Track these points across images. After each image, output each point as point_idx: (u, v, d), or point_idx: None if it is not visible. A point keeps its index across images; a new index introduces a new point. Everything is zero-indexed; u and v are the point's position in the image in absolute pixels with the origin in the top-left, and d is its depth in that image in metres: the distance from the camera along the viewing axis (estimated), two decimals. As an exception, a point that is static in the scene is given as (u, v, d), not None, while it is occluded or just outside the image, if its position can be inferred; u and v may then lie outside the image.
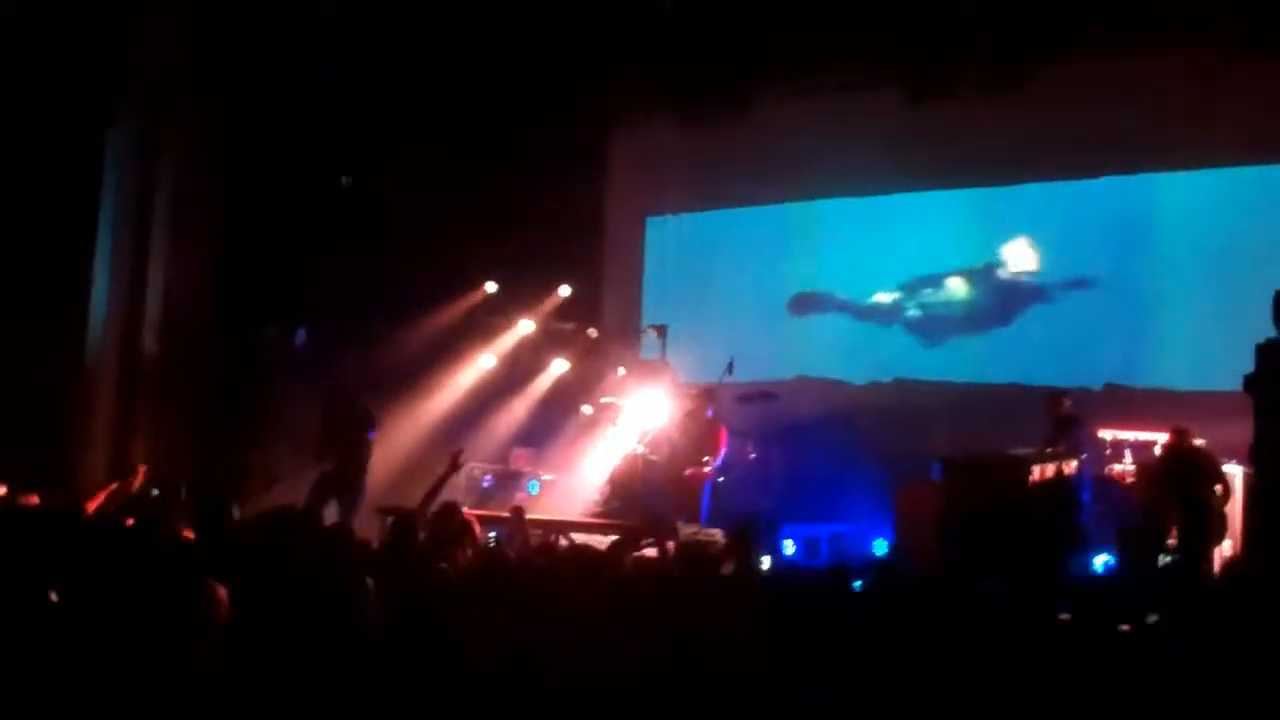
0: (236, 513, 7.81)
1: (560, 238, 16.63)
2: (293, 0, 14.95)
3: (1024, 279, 15.49)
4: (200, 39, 14.96)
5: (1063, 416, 12.65)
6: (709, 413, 13.78)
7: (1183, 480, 10.86)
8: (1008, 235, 15.64)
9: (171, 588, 5.22)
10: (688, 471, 13.41)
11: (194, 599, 5.08)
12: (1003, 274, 15.66)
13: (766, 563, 9.90)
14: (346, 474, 12.63)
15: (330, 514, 11.74)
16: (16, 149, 14.02)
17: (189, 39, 14.93)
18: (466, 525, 8.27)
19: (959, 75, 14.70)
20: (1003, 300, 15.62)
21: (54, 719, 4.73)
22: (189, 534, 7.13)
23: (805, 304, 16.87)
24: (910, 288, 16.25)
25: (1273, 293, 9.72)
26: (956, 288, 15.94)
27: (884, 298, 16.39)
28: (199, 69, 15.08)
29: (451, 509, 8.42)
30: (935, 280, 16.06)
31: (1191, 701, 5.35)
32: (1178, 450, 11.21)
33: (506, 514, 10.04)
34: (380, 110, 15.69)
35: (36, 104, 14.00)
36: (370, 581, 6.20)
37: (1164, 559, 10.59)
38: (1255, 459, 9.53)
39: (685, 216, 17.85)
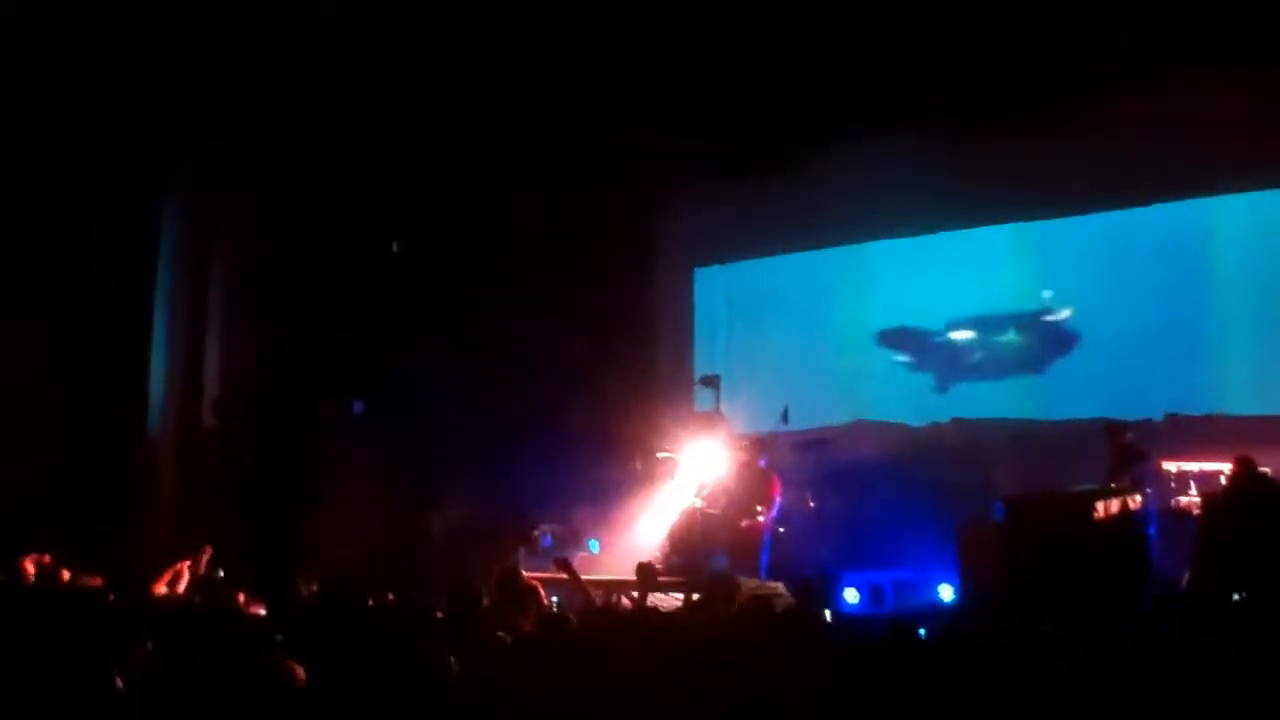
0: (304, 589, 7.84)
1: (610, 294, 16.65)
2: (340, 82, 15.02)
3: (1078, 311, 15.38)
4: (254, 113, 15.10)
5: (1125, 449, 12.51)
6: (762, 463, 13.75)
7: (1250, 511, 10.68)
8: (1059, 268, 15.56)
9: (249, 666, 5.21)
10: (744, 523, 13.36)
11: (272, 676, 5.07)
12: (1056, 307, 15.57)
13: (827, 615, 9.82)
14: None
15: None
16: (76, 223, 14.21)
17: (244, 114, 15.08)
18: (531, 590, 8.25)
19: (998, 116, 14.63)
20: (1058, 334, 15.52)
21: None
22: (256, 610, 7.15)
23: (859, 347, 16.81)
24: (964, 325, 16.19)
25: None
26: (1010, 324, 15.85)
27: (938, 337, 16.31)
28: (254, 143, 15.23)
29: (513, 573, 8.39)
30: (989, 317, 15.99)
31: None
32: (1243, 480, 11.04)
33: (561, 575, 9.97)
34: (430, 175, 15.80)
35: (95, 181, 14.18)
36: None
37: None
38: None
39: (733, 266, 17.89)
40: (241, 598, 7.79)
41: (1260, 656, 6.95)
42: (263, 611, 7.10)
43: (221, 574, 9.22)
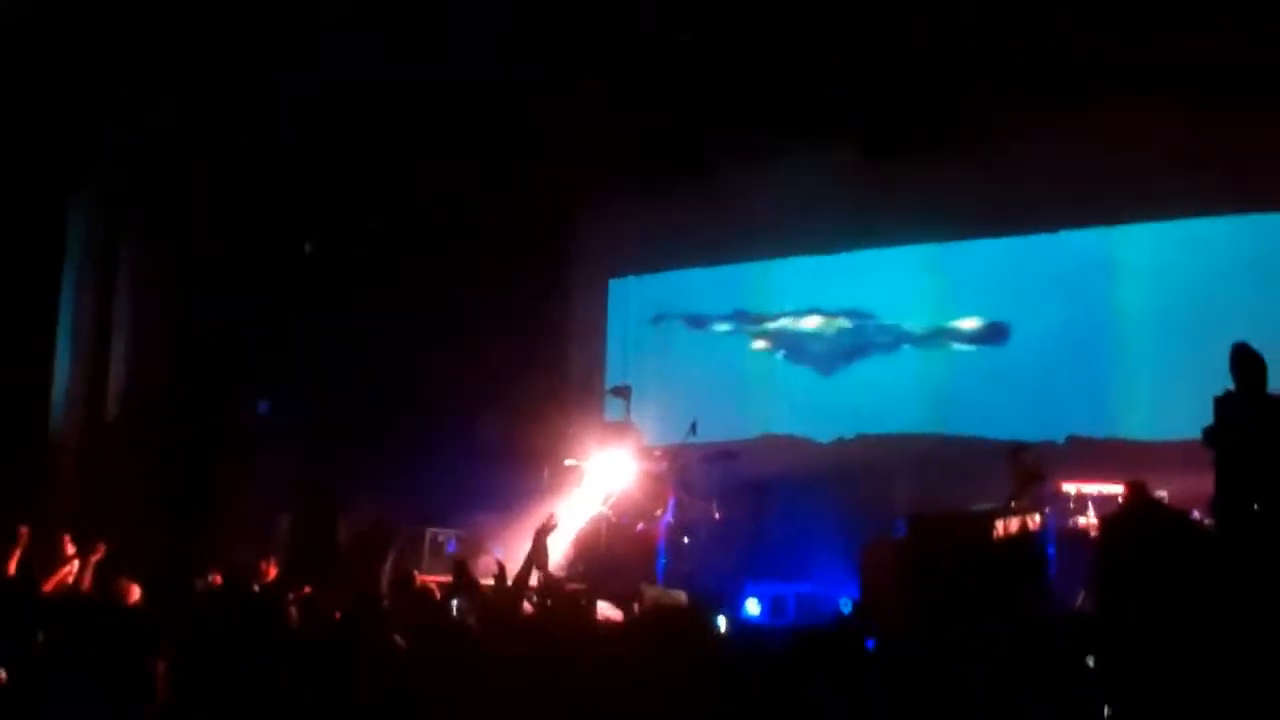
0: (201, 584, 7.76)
1: (523, 302, 16.63)
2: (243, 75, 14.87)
3: (986, 333, 15.56)
4: (162, 116, 14.94)
5: (1026, 470, 12.65)
6: (657, 468, 13.86)
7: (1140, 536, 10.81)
8: (968, 290, 15.74)
9: (115, 663, 5.16)
10: (639, 527, 13.46)
11: (136, 674, 5.02)
12: (965, 328, 15.73)
13: (722, 623, 9.87)
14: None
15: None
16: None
17: (152, 116, 14.92)
18: (427, 593, 8.20)
19: (913, 134, 14.81)
20: (964, 354, 15.68)
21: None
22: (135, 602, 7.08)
23: (769, 362, 16.91)
24: (871, 344, 16.31)
25: (1230, 344, 9.77)
26: (918, 343, 16.00)
27: (846, 354, 16.43)
28: (162, 143, 15.06)
29: (406, 578, 8.35)
30: (896, 336, 16.12)
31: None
32: (1135, 505, 11.19)
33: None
34: (341, 176, 15.73)
35: (-1, 175, 14.00)
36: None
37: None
38: (1215, 511, 9.52)
39: (648, 277, 17.92)
40: (134, 592, 7.69)
41: (1150, 676, 7.08)
42: (152, 607, 7.01)
43: (114, 571, 9.09)
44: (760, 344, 17.03)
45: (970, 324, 15.69)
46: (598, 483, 14.40)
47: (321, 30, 13.87)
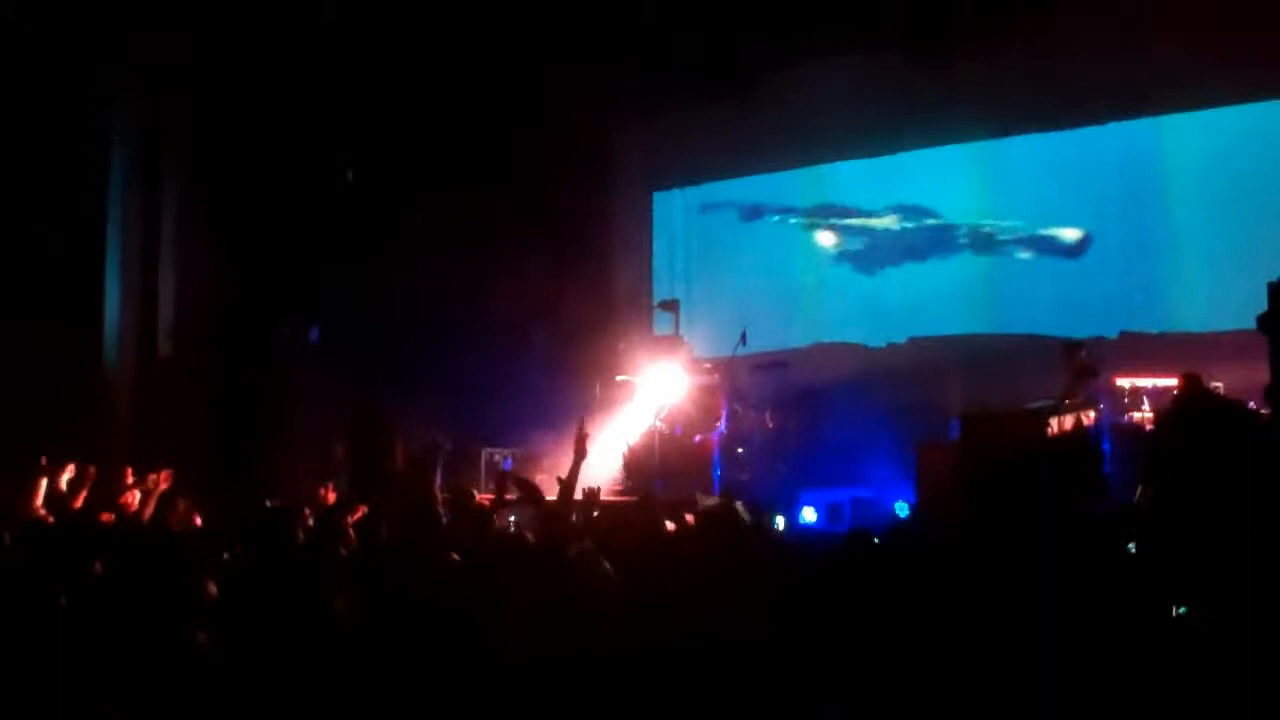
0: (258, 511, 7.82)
1: (568, 219, 16.60)
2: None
3: (1036, 230, 15.43)
4: (201, 46, 14.92)
5: (1080, 366, 12.59)
6: (709, 380, 13.87)
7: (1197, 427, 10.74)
8: (1017, 187, 15.62)
9: (170, 587, 5.23)
10: (696, 439, 13.49)
11: (184, 592, 5.09)
12: (1014, 226, 15.61)
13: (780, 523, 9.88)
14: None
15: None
16: (22, 162, 14.04)
17: (189, 46, 14.89)
18: (484, 510, 8.24)
19: (955, 30, 14.61)
20: (1015, 252, 15.57)
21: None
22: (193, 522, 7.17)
23: (818, 270, 16.84)
24: (923, 245, 16.21)
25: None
26: (967, 243, 15.89)
27: (897, 257, 16.35)
28: (201, 74, 15.05)
29: (465, 494, 8.39)
30: (947, 236, 16.02)
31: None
32: (1190, 397, 11.10)
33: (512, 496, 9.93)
34: (380, 101, 15.69)
35: (40, 115, 14.01)
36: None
37: None
38: (1271, 398, 9.43)
39: (692, 189, 17.85)
40: (195, 519, 7.79)
41: (1207, 569, 7.05)
42: (210, 533, 7.11)
43: (178, 498, 9.19)
44: (811, 244, 16.90)
45: (1019, 223, 15.55)
46: (649, 397, 14.42)
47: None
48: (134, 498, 8.63)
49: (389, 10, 14.96)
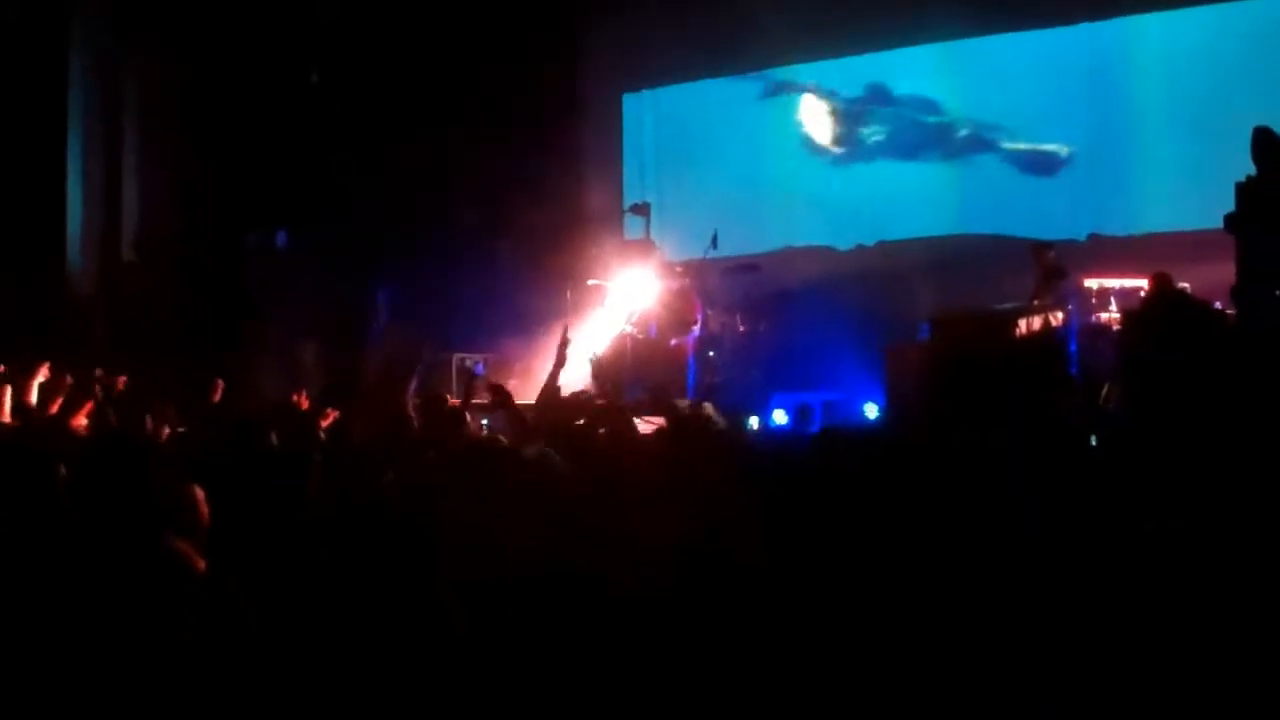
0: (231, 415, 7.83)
1: (536, 121, 16.50)
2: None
3: (1003, 130, 15.42)
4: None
5: (1048, 267, 12.66)
6: (682, 284, 13.87)
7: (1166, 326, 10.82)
8: (984, 88, 15.57)
9: (149, 489, 5.22)
10: (672, 343, 13.52)
11: (172, 500, 5.09)
12: (982, 129, 15.60)
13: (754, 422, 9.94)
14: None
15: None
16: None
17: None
18: (457, 413, 8.26)
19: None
20: (984, 154, 15.57)
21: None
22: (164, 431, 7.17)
23: (788, 172, 16.78)
24: (892, 147, 16.19)
25: (1251, 129, 9.66)
26: (937, 144, 15.88)
27: (866, 159, 16.33)
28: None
29: (437, 399, 8.40)
30: (916, 137, 16.00)
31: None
32: (1160, 297, 11.18)
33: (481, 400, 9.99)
34: (346, 2, 15.53)
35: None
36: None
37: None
38: (1236, 298, 9.51)
39: (662, 91, 17.74)
40: (165, 426, 7.80)
41: (1176, 471, 7.12)
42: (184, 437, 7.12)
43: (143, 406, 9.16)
44: (780, 147, 16.83)
45: (987, 124, 15.53)
46: (621, 301, 14.42)
47: None
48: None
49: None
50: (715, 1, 15.98)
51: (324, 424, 8.23)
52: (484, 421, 9.86)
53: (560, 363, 8.01)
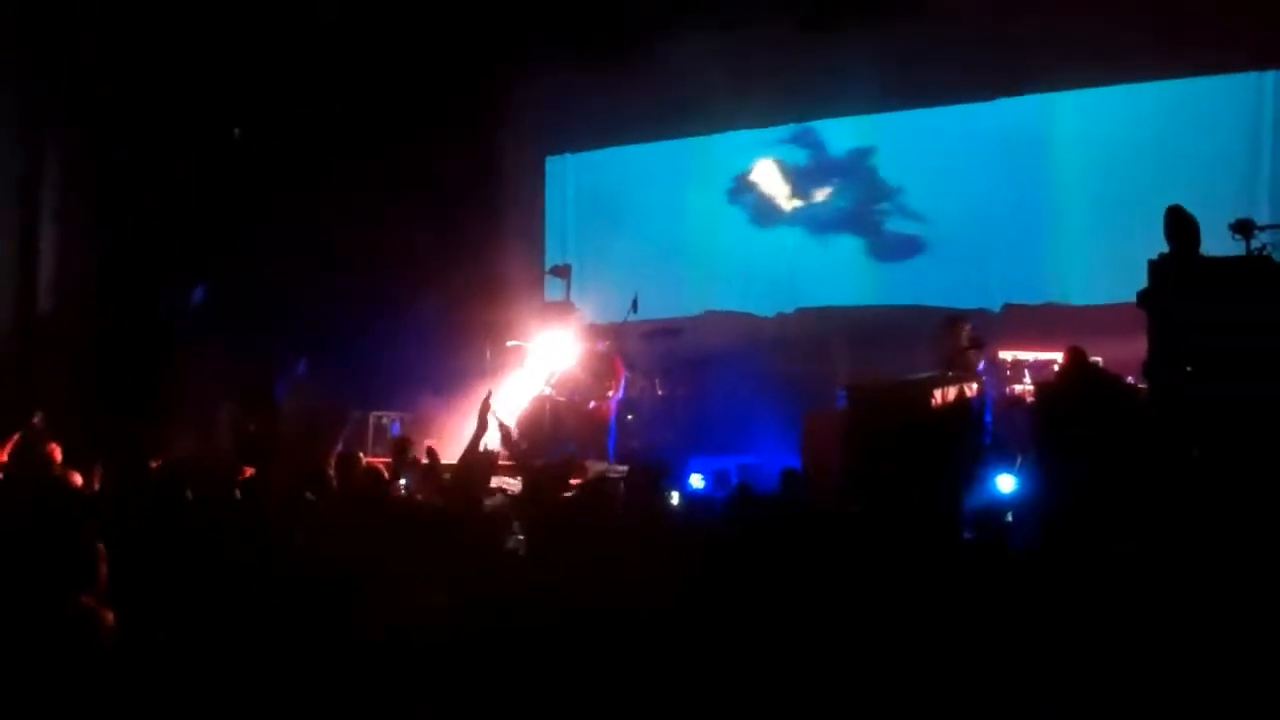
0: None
1: (459, 181, 16.52)
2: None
3: (920, 201, 15.61)
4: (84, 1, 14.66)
5: (965, 340, 12.78)
6: (603, 346, 13.90)
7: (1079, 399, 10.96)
8: (905, 159, 15.75)
9: (53, 539, 5.14)
10: (591, 405, 13.51)
11: (74, 551, 5.02)
12: (901, 198, 15.77)
13: (675, 499, 9.96)
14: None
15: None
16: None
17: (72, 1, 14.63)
18: (373, 472, 8.23)
19: (848, 5, 14.76)
20: (901, 224, 15.75)
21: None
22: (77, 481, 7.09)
23: (709, 237, 16.87)
24: (811, 216, 16.33)
25: (1164, 208, 9.84)
26: (856, 214, 16.04)
27: (786, 228, 16.45)
28: (84, 30, 14.78)
29: (350, 459, 8.36)
30: (835, 207, 16.15)
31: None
32: (1074, 370, 11.33)
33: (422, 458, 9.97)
34: (269, 59, 15.48)
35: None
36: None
37: None
38: (1148, 374, 9.66)
39: (585, 155, 17.82)
40: (74, 478, 7.70)
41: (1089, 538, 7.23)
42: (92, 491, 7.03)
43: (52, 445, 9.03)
44: (701, 213, 16.92)
45: (906, 194, 15.73)
46: (540, 363, 14.42)
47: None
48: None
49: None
50: (638, 68, 16.08)
51: (238, 480, 8.17)
52: (401, 480, 9.80)
53: (482, 427, 8.01)
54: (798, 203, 16.41)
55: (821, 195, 16.27)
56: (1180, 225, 9.65)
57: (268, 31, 15.34)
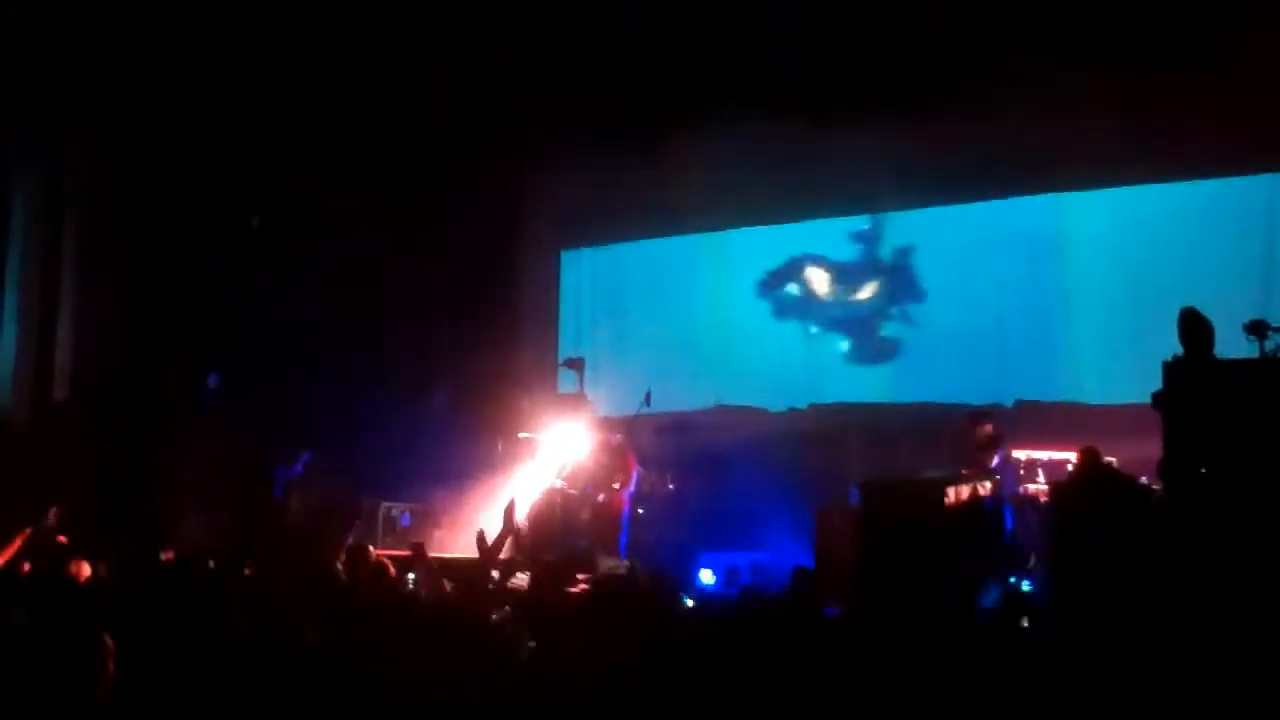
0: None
1: (475, 274, 16.60)
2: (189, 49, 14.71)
3: (935, 299, 15.62)
4: (104, 93, 14.79)
5: (984, 438, 12.74)
6: (616, 439, 13.85)
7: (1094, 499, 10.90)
8: (920, 256, 15.77)
9: (60, 632, 5.12)
10: (601, 498, 13.44)
11: (81, 644, 4.98)
12: (915, 294, 15.78)
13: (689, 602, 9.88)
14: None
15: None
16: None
17: (92, 93, 14.77)
18: (381, 567, 8.18)
19: (865, 100, 14.86)
20: (915, 320, 15.74)
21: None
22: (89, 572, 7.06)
23: (722, 333, 16.87)
24: (825, 313, 16.34)
25: (1178, 309, 9.84)
26: (871, 311, 16.04)
27: (800, 324, 16.45)
28: (105, 120, 14.93)
29: (360, 552, 8.32)
30: (849, 304, 16.15)
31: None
32: (1088, 469, 11.28)
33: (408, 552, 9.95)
34: (291, 152, 15.63)
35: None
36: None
37: None
38: (1163, 475, 9.61)
39: (600, 249, 17.89)
40: (84, 570, 7.65)
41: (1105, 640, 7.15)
42: (102, 583, 6.99)
43: (62, 538, 8.99)
44: (715, 307, 16.93)
45: (920, 290, 15.74)
46: (552, 455, 14.39)
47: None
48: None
49: (302, 61, 14.89)
50: (652, 166, 16.20)
51: (246, 572, 8.13)
52: (410, 576, 9.74)
53: (508, 531, 7.99)
54: (811, 300, 16.40)
55: (836, 292, 16.26)
56: (1194, 327, 9.64)
57: (288, 119, 15.47)
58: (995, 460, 12.42)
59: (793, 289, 16.46)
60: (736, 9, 13.94)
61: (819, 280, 16.37)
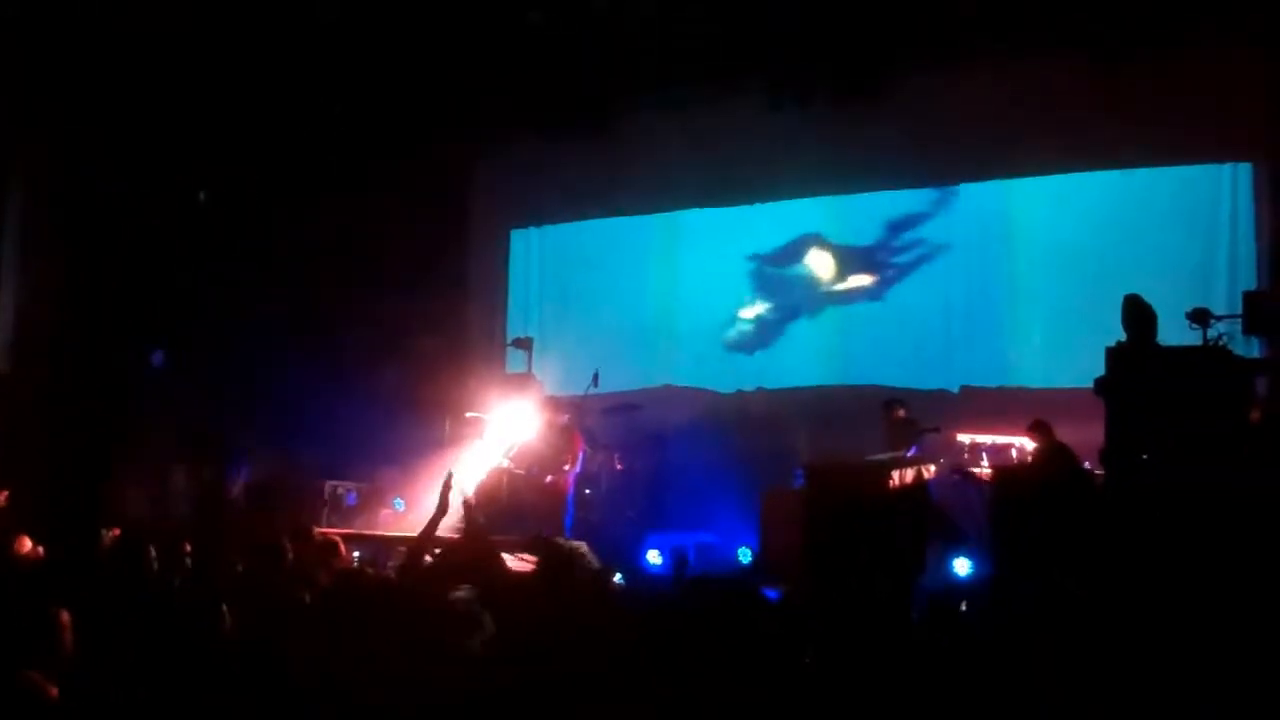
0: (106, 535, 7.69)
1: (424, 253, 16.55)
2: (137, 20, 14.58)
3: (879, 283, 15.68)
4: (50, 61, 14.64)
5: (901, 422, 12.91)
6: (564, 420, 13.85)
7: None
8: (866, 240, 15.82)
9: (13, 612, 5.09)
10: (548, 479, 13.44)
11: (36, 623, 4.96)
12: (862, 280, 15.83)
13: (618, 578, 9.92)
14: None
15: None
16: None
17: (37, 61, 14.61)
18: (330, 545, 8.16)
19: (816, 83, 14.95)
20: (863, 305, 15.80)
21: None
22: (35, 553, 7.01)
23: (670, 313, 16.87)
24: (773, 295, 16.36)
25: (1122, 296, 9.95)
26: (819, 294, 16.07)
27: (749, 307, 16.47)
28: (49, 90, 14.77)
29: (305, 531, 8.30)
30: (798, 286, 16.18)
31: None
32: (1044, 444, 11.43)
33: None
34: (238, 125, 15.52)
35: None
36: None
37: None
38: (1105, 460, 9.71)
39: (550, 229, 17.85)
40: (25, 544, 7.60)
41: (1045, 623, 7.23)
42: (48, 559, 6.95)
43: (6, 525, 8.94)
44: (664, 288, 16.92)
45: (866, 275, 15.79)
46: (499, 435, 14.36)
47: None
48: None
49: (253, 33, 14.79)
50: (602, 145, 16.23)
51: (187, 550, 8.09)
52: (356, 554, 9.74)
53: (443, 509, 7.94)
54: (759, 282, 16.43)
55: (783, 275, 16.29)
56: (1138, 314, 9.76)
57: (235, 95, 15.37)
58: (913, 451, 12.53)
59: (742, 271, 16.45)
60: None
61: (768, 263, 16.38)
